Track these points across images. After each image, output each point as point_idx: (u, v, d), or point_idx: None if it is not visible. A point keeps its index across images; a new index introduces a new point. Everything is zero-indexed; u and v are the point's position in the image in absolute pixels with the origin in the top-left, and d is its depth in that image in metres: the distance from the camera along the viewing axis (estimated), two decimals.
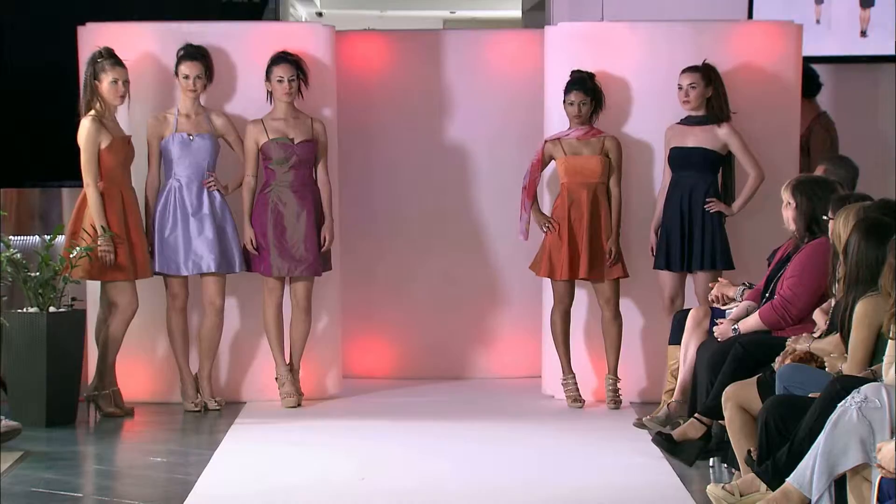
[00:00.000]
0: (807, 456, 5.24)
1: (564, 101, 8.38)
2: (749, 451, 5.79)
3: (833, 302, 6.16)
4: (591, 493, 6.43)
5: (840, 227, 5.98)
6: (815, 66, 9.44)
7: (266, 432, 7.83)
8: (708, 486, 5.90)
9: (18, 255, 7.92)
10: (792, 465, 5.35)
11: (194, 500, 6.27)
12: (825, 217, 6.52)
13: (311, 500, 6.36)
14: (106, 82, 8.10)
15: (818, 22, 9.87)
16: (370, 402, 8.66)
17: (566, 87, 8.37)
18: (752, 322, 6.83)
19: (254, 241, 8.37)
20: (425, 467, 6.98)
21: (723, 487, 5.77)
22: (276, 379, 8.52)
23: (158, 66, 8.55)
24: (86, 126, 8.08)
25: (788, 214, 6.83)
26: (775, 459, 5.46)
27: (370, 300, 9.33)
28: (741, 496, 5.71)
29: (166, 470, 6.94)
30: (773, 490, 5.44)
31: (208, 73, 8.38)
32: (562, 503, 6.30)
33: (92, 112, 8.11)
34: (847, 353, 5.70)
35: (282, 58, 8.38)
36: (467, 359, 9.32)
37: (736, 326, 6.89)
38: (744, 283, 7.36)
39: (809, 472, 5.21)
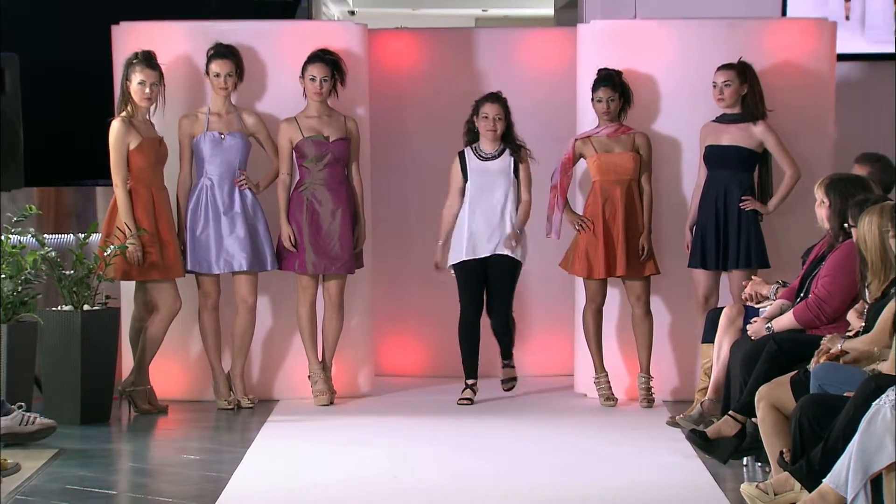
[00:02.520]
0: (842, 456, 5.23)
1: (592, 99, 8.39)
2: (781, 453, 5.77)
3: (865, 304, 6.15)
4: (624, 492, 6.42)
5: (864, 227, 5.95)
6: (847, 64, 9.39)
7: (298, 430, 7.84)
8: (742, 485, 5.88)
9: (53, 254, 7.96)
10: (826, 464, 5.33)
11: (227, 497, 6.28)
12: (846, 224, 6.49)
13: (344, 497, 6.37)
14: (134, 83, 8.13)
15: (847, 18, 9.82)
16: (402, 400, 8.67)
17: (593, 85, 8.37)
18: (786, 321, 6.80)
19: (292, 238, 8.38)
20: (457, 465, 6.98)
21: (756, 486, 5.75)
22: (309, 377, 8.54)
23: (190, 65, 8.58)
24: (115, 127, 8.12)
25: (822, 213, 6.79)
26: (809, 458, 5.44)
27: (402, 298, 9.34)
28: (775, 495, 5.69)
29: (199, 467, 6.96)
30: (808, 489, 5.42)
31: (239, 71, 8.39)
32: (595, 501, 6.29)
33: (123, 113, 8.16)
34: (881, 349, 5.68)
35: (318, 56, 8.39)
36: (499, 357, 9.30)
37: (769, 325, 6.86)
38: (777, 282, 7.33)
39: (845, 471, 5.19)
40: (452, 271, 8.51)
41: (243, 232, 8.34)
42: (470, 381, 8.50)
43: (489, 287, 8.44)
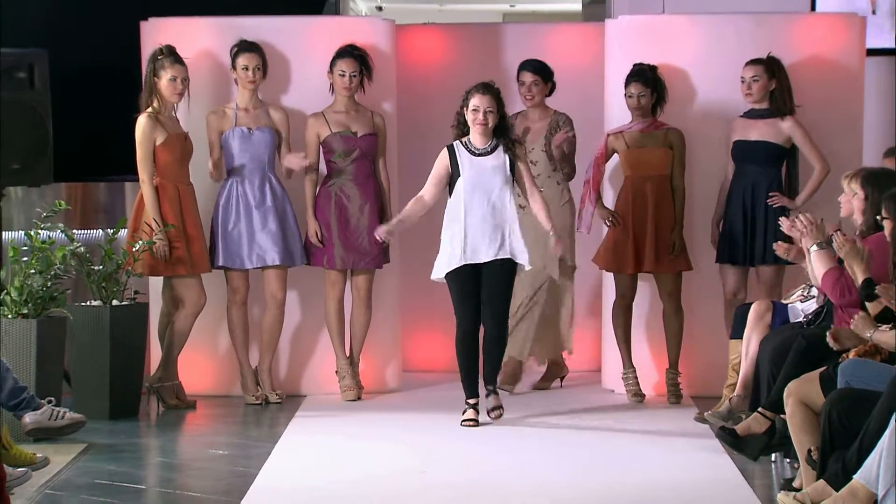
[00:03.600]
0: (873, 452, 5.20)
1: (625, 94, 8.36)
2: (809, 451, 5.73)
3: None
4: (651, 488, 6.40)
5: None
6: (875, 59, 9.35)
7: (326, 425, 7.85)
8: (779, 495, 5.77)
9: (82, 249, 7.99)
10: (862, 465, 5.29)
11: (255, 492, 6.29)
12: (879, 217, 6.43)
13: (371, 492, 6.37)
14: (164, 79, 8.15)
15: (874, 13, 9.78)
16: (430, 396, 8.67)
17: (626, 80, 8.35)
18: (818, 264, 6.56)
19: (319, 234, 8.39)
20: (485, 460, 6.98)
21: (794, 497, 5.67)
22: (336, 372, 8.55)
23: (216, 61, 8.60)
24: (141, 123, 8.14)
25: (857, 205, 6.71)
26: (845, 462, 5.40)
27: (429, 294, 9.31)
28: None
29: (227, 462, 6.98)
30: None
31: (264, 65, 8.42)
32: (622, 498, 6.28)
33: (149, 109, 8.18)
34: None
35: (347, 52, 8.40)
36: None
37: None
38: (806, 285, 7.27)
39: (875, 468, 5.16)
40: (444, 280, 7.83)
41: (275, 226, 8.36)
42: (472, 401, 7.70)
43: (487, 294, 7.66)
